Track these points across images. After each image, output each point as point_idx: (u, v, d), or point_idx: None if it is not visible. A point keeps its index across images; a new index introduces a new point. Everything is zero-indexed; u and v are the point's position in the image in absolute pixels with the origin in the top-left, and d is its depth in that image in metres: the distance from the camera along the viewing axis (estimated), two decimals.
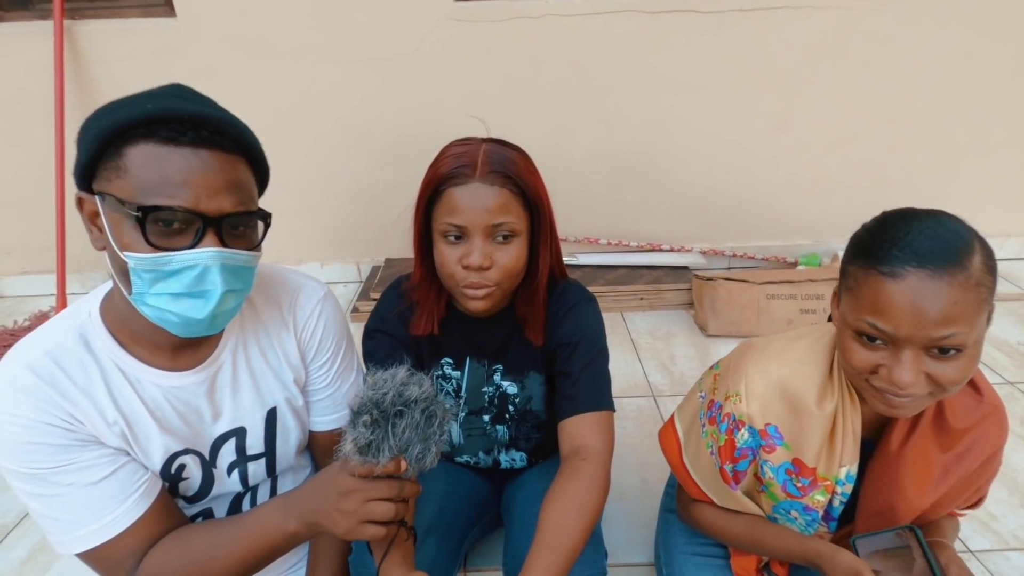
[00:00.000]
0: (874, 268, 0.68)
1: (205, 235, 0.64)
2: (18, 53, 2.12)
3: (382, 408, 0.62)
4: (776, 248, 2.53)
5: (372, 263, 2.56)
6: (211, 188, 0.63)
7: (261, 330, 0.82)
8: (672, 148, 2.37)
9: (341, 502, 0.64)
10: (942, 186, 2.43)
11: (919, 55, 2.21)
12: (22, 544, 1.33)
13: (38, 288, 2.52)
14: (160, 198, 0.61)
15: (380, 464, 0.62)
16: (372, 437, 0.62)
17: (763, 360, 0.84)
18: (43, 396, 0.66)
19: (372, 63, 2.20)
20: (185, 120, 0.61)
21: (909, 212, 0.71)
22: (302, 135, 2.32)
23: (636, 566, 1.23)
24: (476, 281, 0.82)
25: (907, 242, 0.67)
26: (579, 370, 0.91)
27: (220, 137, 0.64)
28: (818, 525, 0.87)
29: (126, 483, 0.70)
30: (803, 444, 0.82)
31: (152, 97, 0.63)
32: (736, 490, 0.88)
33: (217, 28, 2.12)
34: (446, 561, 0.92)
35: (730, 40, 2.18)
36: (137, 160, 0.61)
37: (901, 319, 0.66)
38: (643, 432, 1.62)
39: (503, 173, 0.81)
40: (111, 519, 0.68)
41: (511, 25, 2.14)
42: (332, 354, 0.88)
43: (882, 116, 2.32)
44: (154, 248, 0.62)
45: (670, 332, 2.15)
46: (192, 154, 0.62)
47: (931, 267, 0.65)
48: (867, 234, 0.72)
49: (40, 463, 0.65)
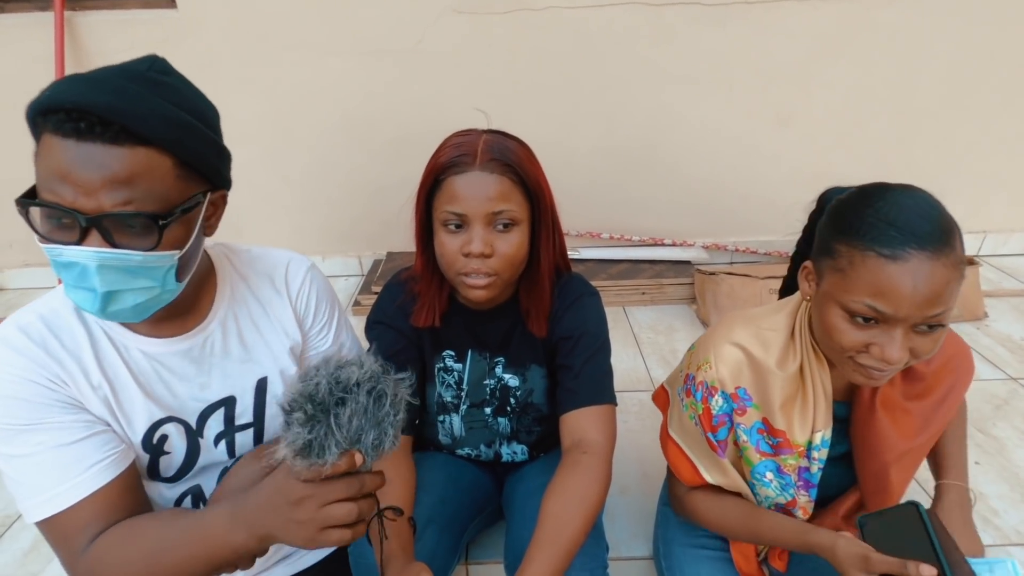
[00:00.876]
0: (872, 250, 0.68)
1: (88, 234, 0.61)
2: (18, 44, 2.12)
3: (317, 400, 0.54)
4: (779, 243, 2.52)
5: (374, 257, 2.56)
6: (88, 185, 0.59)
7: (253, 301, 0.83)
8: (675, 142, 2.36)
9: (294, 512, 0.57)
10: (946, 181, 2.41)
11: (924, 48, 2.20)
12: (25, 535, 1.34)
13: (40, 281, 2.53)
14: (45, 192, 0.61)
15: (328, 464, 0.54)
16: (311, 436, 0.54)
17: (729, 328, 0.87)
18: (32, 356, 0.67)
19: (374, 56, 2.19)
20: (70, 109, 0.58)
21: (889, 188, 0.73)
22: (304, 128, 2.32)
23: (637, 559, 1.23)
24: (477, 268, 0.82)
25: (904, 222, 0.68)
26: (581, 364, 0.91)
27: (104, 128, 0.59)
28: (793, 490, 0.88)
29: (94, 451, 0.69)
30: (769, 405, 0.85)
31: (77, 79, 0.62)
32: (723, 458, 0.89)
33: (218, 20, 2.11)
34: (446, 552, 0.92)
35: (734, 33, 2.16)
36: (42, 150, 0.61)
37: (902, 301, 0.67)
38: (644, 426, 1.62)
39: (503, 161, 0.81)
40: (71, 484, 0.67)
41: (514, 17, 2.13)
42: (328, 317, 0.90)
43: (886, 110, 2.30)
44: (45, 240, 0.62)
45: (672, 326, 2.14)
46: (75, 146, 0.59)
47: (930, 249, 0.66)
48: (852, 211, 0.72)
49: (16, 418, 0.66)
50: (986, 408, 1.64)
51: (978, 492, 1.39)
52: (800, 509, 0.91)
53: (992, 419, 1.60)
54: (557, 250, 0.93)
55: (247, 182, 2.37)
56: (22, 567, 1.27)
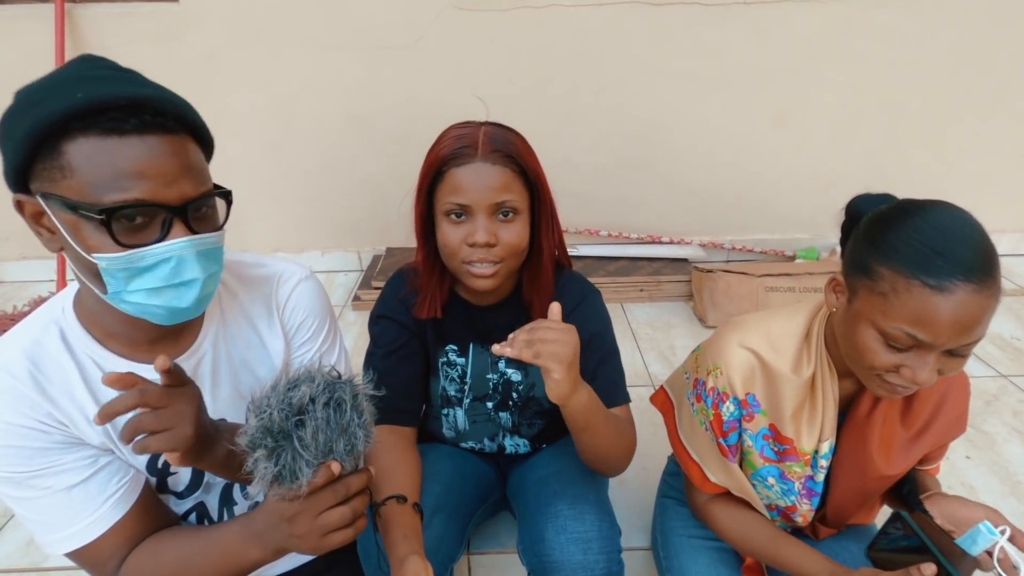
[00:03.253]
0: (918, 279, 0.66)
1: (173, 225, 0.61)
2: (18, 37, 2.12)
3: (275, 431, 0.54)
4: (775, 241, 2.55)
5: (373, 252, 2.57)
6: (168, 175, 0.60)
7: (243, 319, 0.80)
8: (673, 141, 2.38)
9: (292, 528, 0.60)
10: (941, 181, 2.45)
11: (920, 49, 2.23)
12: (25, 528, 1.34)
13: (37, 273, 2.52)
14: (116, 193, 0.57)
15: (303, 485, 0.55)
16: (278, 467, 0.54)
17: (740, 332, 0.87)
18: (21, 397, 0.64)
19: (376, 51, 2.19)
20: (124, 105, 0.57)
21: (932, 209, 0.70)
22: (305, 123, 2.32)
23: (636, 550, 1.25)
24: (482, 257, 0.84)
25: (951, 252, 0.65)
26: (594, 367, 0.93)
27: (163, 118, 0.60)
28: (795, 498, 0.90)
29: (104, 486, 0.68)
30: (778, 411, 0.85)
31: (75, 81, 0.58)
32: (733, 463, 0.90)
33: (220, 14, 2.11)
34: (452, 540, 0.94)
35: (732, 33, 2.19)
36: (80, 156, 0.57)
37: (943, 331, 0.66)
38: (643, 421, 1.62)
39: (504, 152, 0.82)
40: (89, 522, 0.67)
41: (515, 15, 2.14)
42: (314, 332, 0.86)
43: (881, 110, 2.33)
44: (123, 247, 0.59)
45: (669, 323, 2.17)
46: (139, 142, 0.58)
47: (976, 281, 0.65)
48: (896, 234, 0.69)
49: (17, 467, 0.64)
50: (977, 404, 1.67)
51: (969, 486, 1.42)
52: (800, 516, 0.92)
53: (983, 415, 1.64)
54: (556, 239, 0.94)
55: (247, 176, 2.39)
56: (25, 556, 1.27)
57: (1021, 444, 1.54)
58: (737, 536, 0.94)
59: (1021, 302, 2.22)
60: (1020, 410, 1.66)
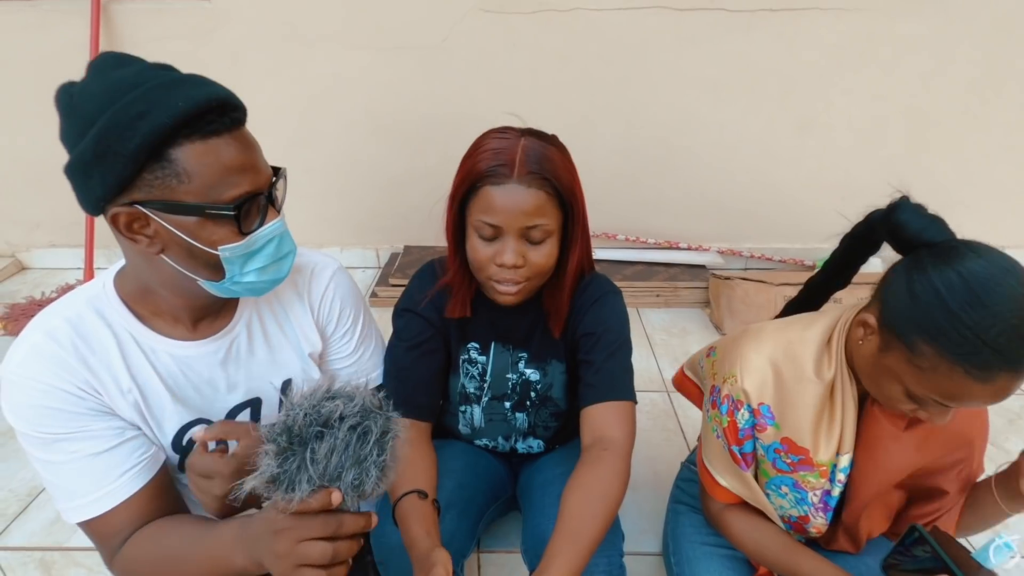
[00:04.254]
0: (962, 366, 0.64)
1: (268, 208, 0.68)
2: (54, 30, 2.17)
3: (294, 432, 0.52)
4: (794, 250, 2.53)
5: (391, 249, 2.59)
6: (257, 164, 0.66)
7: (276, 303, 0.84)
8: (693, 146, 2.37)
9: (274, 542, 0.57)
10: (965, 194, 2.41)
11: (947, 60, 2.19)
12: (51, 506, 1.38)
13: (65, 261, 2.59)
14: (232, 189, 0.63)
15: (295, 500, 0.52)
16: (280, 469, 0.52)
17: (758, 339, 0.86)
18: (60, 362, 0.67)
19: (400, 51, 2.22)
20: (215, 107, 0.62)
21: (988, 286, 0.63)
22: (329, 120, 2.35)
23: (646, 555, 1.25)
24: (508, 278, 0.84)
25: (1003, 345, 0.62)
26: (602, 360, 0.93)
27: (238, 113, 0.65)
28: (808, 508, 0.89)
29: (126, 458, 0.71)
30: (794, 422, 0.83)
31: (162, 88, 0.60)
32: (747, 472, 0.89)
33: (250, 12, 2.15)
34: (464, 536, 0.95)
35: (757, 39, 2.17)
36: (192, 161, 0.61)
37: (973, 404, 0.68)
38: (656, 426, 1.64)
39: (540, 175, 0.80)
40: (105, 492, 0.69)
41: (539, 18, 2.15)
42: (352, 323, 0.91)
43: (905, 120, 2.30)
44: (243, 235, 0.66)
45: (685, 329, 2.16)
46: (232, 139, 0.63)
47: (1018, 368, 0.63)
48: (946, 315, 0.64)
49: (49, 428, 0.67)
50: (999, 422, 1.64)
51: None
52: (814, 527, 0.92)
53: (1005, 433, 1.61)
54: (584, 253, 0.94)
55: None
56: (48, 536, 1.31)
57: None
58: (751, 544, 0.94)
59: None
60: None
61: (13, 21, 2.17)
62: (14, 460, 1.51)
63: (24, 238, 2.59)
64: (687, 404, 1.73)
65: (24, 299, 2.32)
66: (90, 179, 0.61)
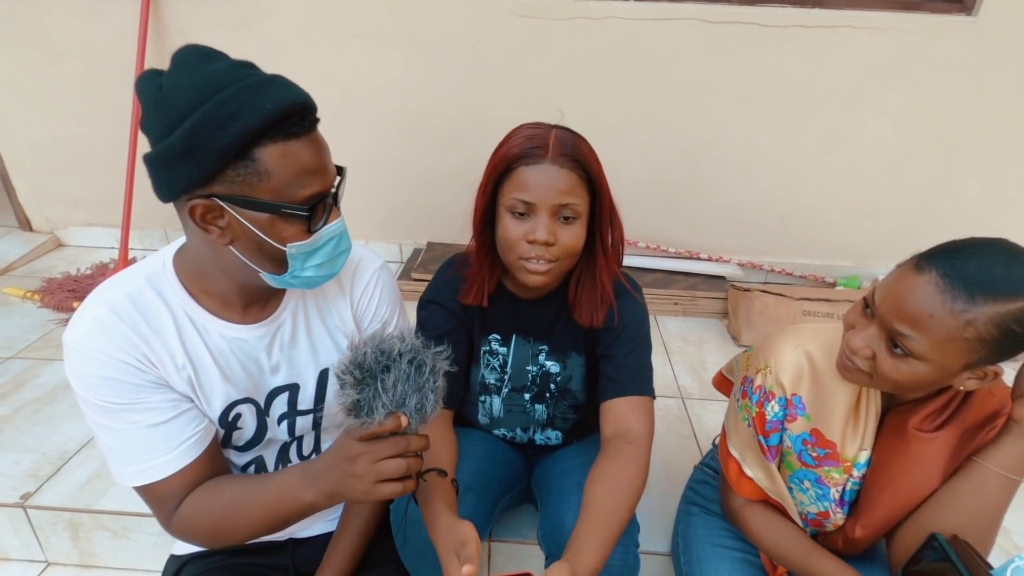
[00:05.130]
0: (917, 258, 0.72)
1: (332, 208, 0.73)
2: (104, 16, 2.25)
3: (365, 367, 0.63)
4: (816, 267, 2.52)
5: (415, 245, 2.64)
6: (326, 167, 0.71)
7: (320, 296, 0.88)
8: (720, 158, 2.38)
9: (351, 467, 0.65)
10: (993, 220, 2.39)
11: (982, 83, 2.18)
12: (82, 470, 1.43)
13: (101, 240, 2.67)
14: (305, 189, 0.67)
15: (376, 422, 0.62)
16: (359, 396, 0.62)
17: (796, 336, 0.89)
18: (122, 335, 0.71)
19: (435, 52, 2.26)
20: (297, 111, 0.66)
21: (1007, 247, 0.70)
22: (361, 116, 2.41)
23: (655, 554, 1.27)
24: (539, 255, 0.87)
25: (959, 256, 0.69)
26: (624, 354, 0.95)
27: (315, 116, 0.69)
28: (828, 504, 0.90)
29: (182, 430, 0.75)
30: (825, 415, 0.86)
31: (252, 89, 0.64)
32: (772, 462, 0.91)
33: (293, 8, 2.22)
34: (481, 520, 0.97)
35: (789, 55, 2.18)
36: (273, 161, 0.65)
37: (886, 298, 0.72)
38: (670, 431, 1.66)
39: (572, 157, 0.86)
40: (163, 461, 0.73)
41: (573, 24, 2.19)
42: (387, 317, 0.94)
43: (937, 142, 2.29)
44: (311, 233, 0.70)
45: (702, 338, 2.17)
46: (309, 141, 0.68)
47: (946, 281, 0.67)
48: (954, 240, 0.74)
49: (111, 398, 0.71)
50: None
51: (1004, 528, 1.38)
52: (832, 524, 0.93)
53: None
54: (617, 245, 0.97)
55: None
56: (78, 498, 1.36)
57: None
58: (770, 542, 0.95)
59: None
60: None
61: (63, 6, 2.25)
62: (47, 425, 1.57)
63: (63, 216, 2.69)
64: (701, 411, 1.74)
65: (60, 274, 2.40)
66: (174, 171, 0.64)
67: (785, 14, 2.12)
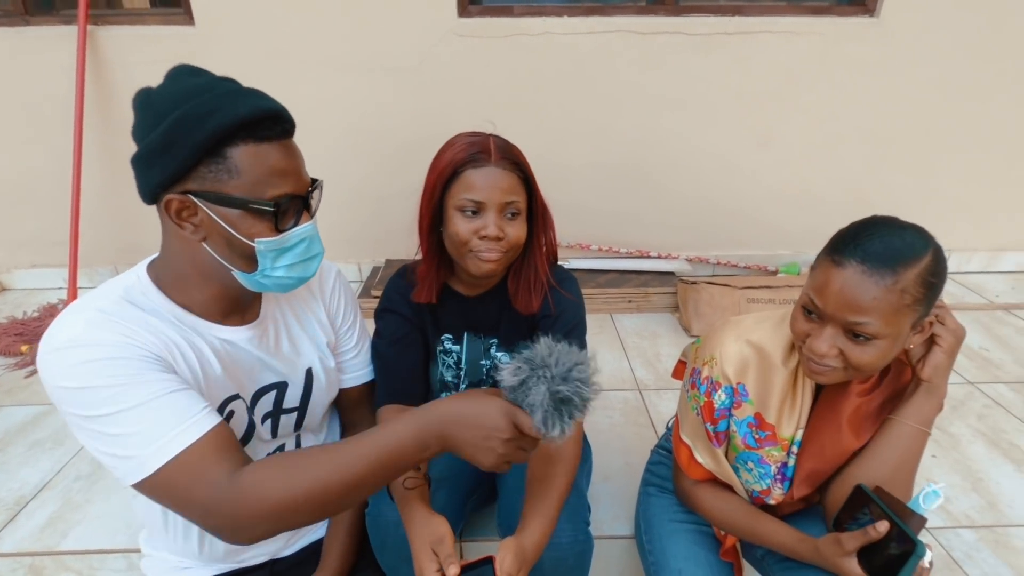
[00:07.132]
0: (829, 256, 0.81)
1: (303, 211, 0.77)
2: (42, 55, 2.23)
3: (559, 398, 0.69)
4: (758, 257, 2.66)
5: (373, 263, 2.66)
6: (299, 171, 0.76)
7: (294, 300, 0.93)
8: (662, 161, 2.50)
9: (499, 446, 0.68)
10: (915, 204, 2.57)
11: (894, 78, 2.37)
12: (40, 513, 1.40)
13: (46, 282, 2.60)
14: (274, 189, 0.71)
15: (548, 437, 0.69)
16: (526, 383, 0.70)
17: (738, 329, 0.97)
18: (121, 329, 0.69)
19: (381, 73, 2.32)
20: (271, 117, 0.71)
21: (886, 220, 0.81)
22: (313, 139, 2.38)
23: (619, 538, 1.33)
24: (489, 248, 0.95)
25: (863, 241, 0.78)
26: (560, 337, 1.02)
27: (288, 125, 0.74)
28: (770, 481, 0.98)
29: (199, 398, 0.71)
30: (766, 400, 0.94)
31: (229, 96, 0.69)
32: (718, 448, 0.98)
33: (234, 36, 2.24)
34: (453, 515, 1.01)
35: (717, 61, 2.33)
36: (245, 160, 0.69)
37: (829, 299, 0.79)
38: (628, 421, 1.73)
39: (512, 160, 0.95)
40: (192, 422, 0.67)
41: (511, 41, 2.28)
42: (354, 318, 1.03)
43: (859, 135, 2.46)
44: (279, 232, 0.73)
45: (656, 332, 2.26)
46: (281, 146, 0.73)
47: (868, 265, 0.77)
48: (843, 230, 0.83)
49: (121, 376, 0.66)
50: (944, 409, 1.76)
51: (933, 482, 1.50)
52: (773, 499, 1.00)
53: (950, 418, 1.73)
54: (551, 239, 1.05)
55: None
56: (38, 541, 1.33)
57: (983, 445, 1.63)
58: (719, 515, 1.03)
59: (989, 316, 2.33)
60: (985, 414, 1.76)
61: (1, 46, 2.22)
62: (1, 472, 1.53)
63: (6, 259, 2.61)
64: (657, 400, 1.82)
65: (5, 319, 2.33)
66: (153, 167, 0.69)
67: (709, 23, 2.27)
